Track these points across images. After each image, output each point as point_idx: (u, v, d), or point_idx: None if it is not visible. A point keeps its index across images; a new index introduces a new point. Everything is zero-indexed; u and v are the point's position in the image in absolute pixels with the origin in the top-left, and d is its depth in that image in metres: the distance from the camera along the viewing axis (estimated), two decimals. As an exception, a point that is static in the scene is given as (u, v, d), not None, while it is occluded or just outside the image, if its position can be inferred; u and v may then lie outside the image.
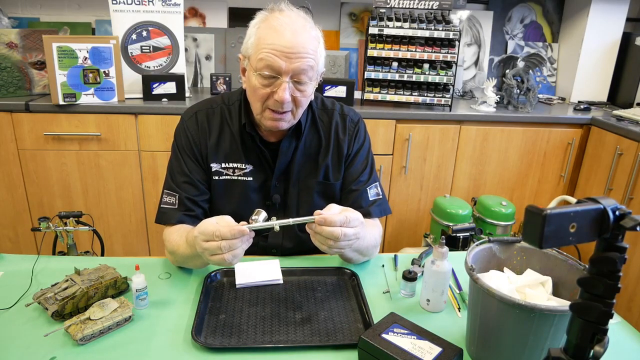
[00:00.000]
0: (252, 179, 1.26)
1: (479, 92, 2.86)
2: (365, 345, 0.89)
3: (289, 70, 1.09)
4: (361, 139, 1.34)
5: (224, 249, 0.96)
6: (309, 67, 1.11)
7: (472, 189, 2.56)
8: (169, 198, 1.24)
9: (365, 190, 1.30)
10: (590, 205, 0.55)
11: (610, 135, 2.33)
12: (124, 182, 2.34)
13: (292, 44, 1.07)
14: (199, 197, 1.25)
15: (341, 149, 1.31)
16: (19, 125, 2.19)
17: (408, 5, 2.42)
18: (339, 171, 1.31)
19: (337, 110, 1.33)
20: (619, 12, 2.73)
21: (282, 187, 1.29)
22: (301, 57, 1.09)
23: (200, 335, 0.97)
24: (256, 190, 1.28)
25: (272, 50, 1.08)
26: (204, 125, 1.26)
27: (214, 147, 1.26)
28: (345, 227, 1.01)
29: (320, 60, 1.15)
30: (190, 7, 2.78)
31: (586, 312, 0.58)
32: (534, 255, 1.01)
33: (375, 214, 1.30)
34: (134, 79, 2.38)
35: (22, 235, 2.40)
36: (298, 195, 1.30)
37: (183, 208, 1.22)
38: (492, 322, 0.87)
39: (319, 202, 1.31)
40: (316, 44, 1.13)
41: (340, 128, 1.31)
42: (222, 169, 1.25)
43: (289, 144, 1.26)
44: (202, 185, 1.26)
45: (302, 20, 1.12)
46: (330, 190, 1.32)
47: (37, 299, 1.02)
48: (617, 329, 1.05)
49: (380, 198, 1.32)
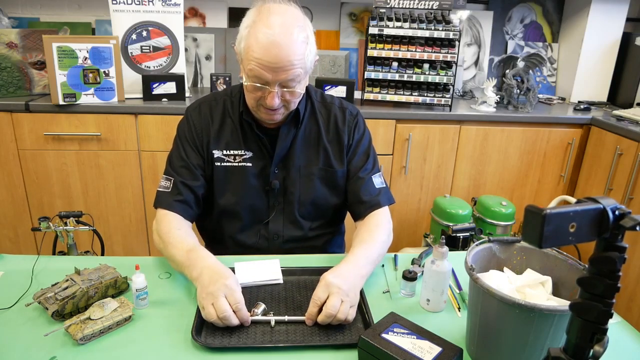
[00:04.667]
0: (251, 165, 1.30)
1: (479, 92, 2.86)
2: (365, 345, 0.89)
3: (275, 81, 1.14)
4: (361, 130, 1.37)
5: (221, 320, 0.96)
6: (295, 76, 1.15)
7: (472, 189, 2.56)
8: (165, 182, 1.28)
9: (371, 179, 1.33)
10: (590, 205, 0.55)
11: (610, 135, 2.33)
12: (124, 182, 2.34)
13: (277, 59, 1.10)
14: (193, 182, 1.27)
15: (341, 139, 1.34)
16: (19, 125, 2.20)
17: (408, 5, 2.42)
18: (340, 159, 1.34)
19: (336, 104, 1.38)
20: (619, 12, 2.73)
21: (282, 173, 1.32)
22: (286, 69, 1.12)
23: (200, 335, 0.97)
24: (255, 176, 1.31)
25: (258, 64, 1.12)
26: (206, 115, 1.31)
27: (216, 135, 1.30)
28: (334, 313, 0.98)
29: (309, 60, 1.17)
30: (190, 7, 2.78)
31: (586, 311, 0.58)
32: (533, 255, 1.01)
33: (384, 202, 1.32)
34: (134, 79, 2.38)
35: (22, 235, 2.40)
36: (299, 181, 1.32)
37: (175, 192, 1.26)
38: (492, 322, 0.87)
39: (322, 189, 1.33)
40: (304, 48, 1.14)
41: (340, 119, 1.35)
42: (223, 155, 1.30)
43: (288, 131, 1.30)
44: (197, 170, 1.28)
45: (289, 27, 1.11)
46: (332, 177, 1.34)
47: (37, 298, 1.02)
48: (616, 328, 1.05)
49: (385, 187, 1.36)
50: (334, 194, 1.36)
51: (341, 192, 1.36)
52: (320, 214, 1.37)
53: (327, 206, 1.36)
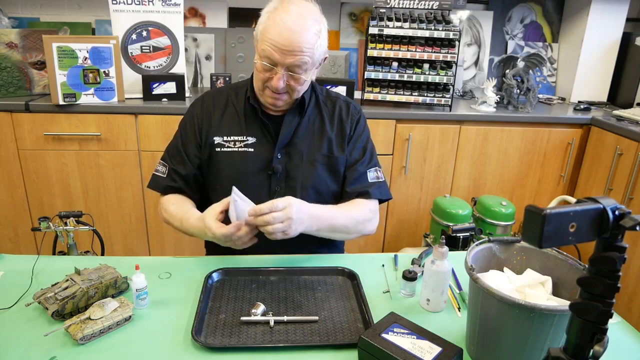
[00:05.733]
0: (252, 150, 1.35)
1: (479, 92, 2.86)
2: (365, 345, 0.89)
3: (284, 63, 1.21)
4: (362, 126, 1.44)
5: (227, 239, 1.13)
6: (303, 62, 1.22)
7: (472, 189, 2.56)
8: (161, 167, 1.39)
9: (365, 172, 1.39)
10: (589, 205, 0.55)
11: (610, 135, 2.33)
12: (124, 182, 2.34)
13: (288, 42, 1.18)
14: (185, 171, 1.36)
15: (344, 128, 1.40)
16: (19, 125, 2.20)
17: (408, 5, 2.43)
18: (342, 147, 1.39)
19: (342, 99, 1.45)
20: (619, 12, 2.73)
21: (285, 159, 1.35)
22: (295, 54, 1.20)
23: (200, 335, 0.97)
24: (257, 160, 1.35)
25: (271, 44, 1.20)
26: (209, 105, 1.40)
27: (217, 122, 1.37)
28: (275, 212, 1.11)
29: (318, 52, 1.24)
30: (190, 7, 2.78)
31: (586, 311, 0.58)
32: (533, 255, 1.01)
33: (375, 195, 1.37)
34: (134, 79, 2.38)
35: (22, 235, 2.40)
36: (302, 167, 1.36)
37: (169, 179, 1.37)
38: (492, 322, 0.87)
39: (324, 174, 1.37)
40: (315, 39, 1.22)
41: (344, 111, 1.42)
42: (223, 141, 1.36)
43: (292, 118, 1.36)
44: (191, 161, 1.36)
45: (304, 17, 1.20)
46: (335, 164, 1.38)
47: (37, 298, 1.02)
48: (616, 328, 1.05)
49: (381, 181, 1.41)
50: (334, 181, 1.39)
51: (340, 179, 1.41)
52: (320, 199, 1.39)
53: (327, 192, 1.39)
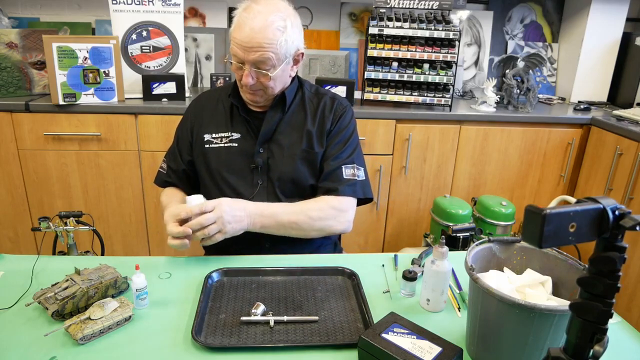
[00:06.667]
0: (237, 145, 1.41)
1: (479, 92, 2.86)
2: (365, 345, 0.89)
3: (248, 60, 1.26)
4: (346, 121, 1.43)
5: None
6: (266, 58, 1.26)
7: (472, 189, 2.56)
8: (163, 164, 1.52)
9: (340, 168, 1.38)
10: (589, 205, 0.55)
11: (610, 135, 2.33)
12: (124, 182, 2.34)
13: (248, 39, 1.23)
14: (177, 167, 1.47)
15: (324, 124, 1.41)
16: (19, 125, 2.20)
17: (408, 5, 2.43)
18: (321, 143, 1.41)
19: (329, 95, 1.47)
20: (619, 12, 2.73)
21: (267, 153, 1.39)
22: (256, 50, 1.24)
23: (200, 335, 0.97)
24: (241, 155, 1.40)
25: (235, 43, 1.27)
26: (200, 104, 1.49)
27: (207, 120, 1.45)
28: (207, 214, 1.18)
29: (283, 48, 1.27)
30: (190, 7, 2.78)
31: (586, 311, 0.58)
32: (533, 255, 1.01)
33: (345, 192, 1.36)
34: (134, 79, 2.38)
35: (22, 235, 2.40)
36: (282, 161, 1.39)
37: (166, 175, 1.50)
38: (492, 322, 0.87)
39: (303, 169, 1.39)
40: (278, 35, 1.25)
41: (327, 107, 1.43)
42: (212, 138, 1.42)
43: (274, 114, 1.40)
44: (182, 158, 1.46)
45: (265, 14, 1.23)
46: (313, 159, 1.40)
47: (37, 298, 1.02)
48: (616, 328, 1.05)
49: (357, 179, 1.39)
50: (312, 175, 1.40)
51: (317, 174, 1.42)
52: (299, 192, 1.41)
53: (305, 185, 1.41)
